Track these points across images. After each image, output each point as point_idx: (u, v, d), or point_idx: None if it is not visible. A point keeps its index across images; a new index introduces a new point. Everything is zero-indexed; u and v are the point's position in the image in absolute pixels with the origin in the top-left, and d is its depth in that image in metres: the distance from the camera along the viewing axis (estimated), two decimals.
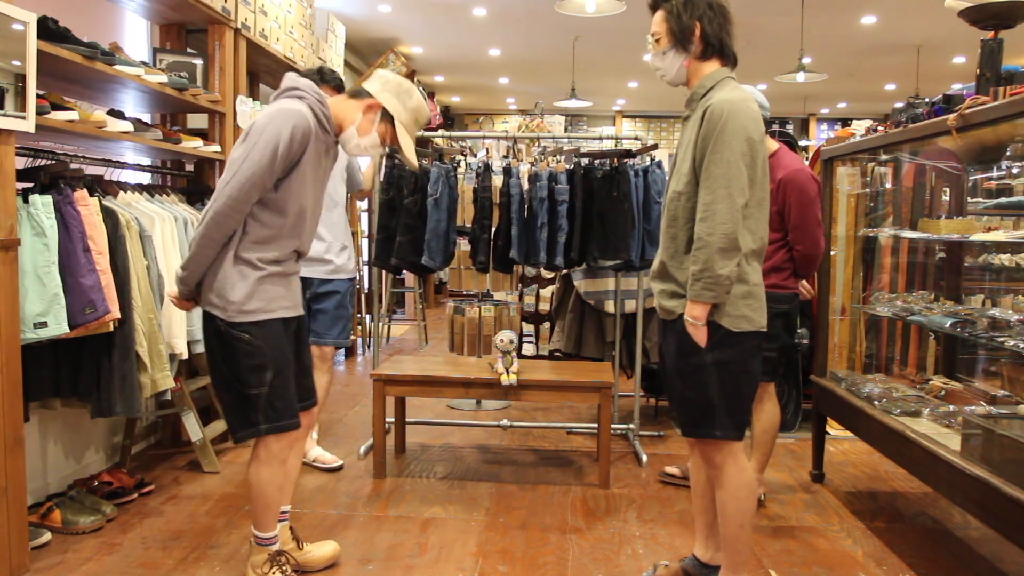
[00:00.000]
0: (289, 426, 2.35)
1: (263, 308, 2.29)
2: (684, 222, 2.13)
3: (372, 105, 2.37)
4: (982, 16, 2.65)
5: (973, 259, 3.58)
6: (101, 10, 3.81)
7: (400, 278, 8.28)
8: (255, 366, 2.28)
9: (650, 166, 3.71)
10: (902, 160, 3.63)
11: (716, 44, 2.14)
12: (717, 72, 2.16)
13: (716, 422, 2.16)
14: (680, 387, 2.22)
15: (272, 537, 2.43)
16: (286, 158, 2.22)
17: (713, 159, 2.03)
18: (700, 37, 2.13)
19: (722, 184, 2.02)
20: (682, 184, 2.14)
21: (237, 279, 2.26)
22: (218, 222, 2.20)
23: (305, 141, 2.24)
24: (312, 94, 2.32)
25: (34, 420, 3.05)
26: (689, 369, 2.16)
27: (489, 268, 3.79)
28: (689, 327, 2.10)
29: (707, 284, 2.03)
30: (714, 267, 2.02)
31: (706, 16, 2.13)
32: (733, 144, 2.02)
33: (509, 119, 12.65)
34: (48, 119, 2.60)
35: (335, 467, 3.65)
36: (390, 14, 7.14)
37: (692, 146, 2.11)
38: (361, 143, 2.40)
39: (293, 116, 2.22)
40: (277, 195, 2.27)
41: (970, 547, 2.91)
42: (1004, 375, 3.18)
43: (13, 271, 2.46)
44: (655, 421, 4.58)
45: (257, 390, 2.28)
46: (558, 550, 2.81)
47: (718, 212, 2.01)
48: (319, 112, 2.30)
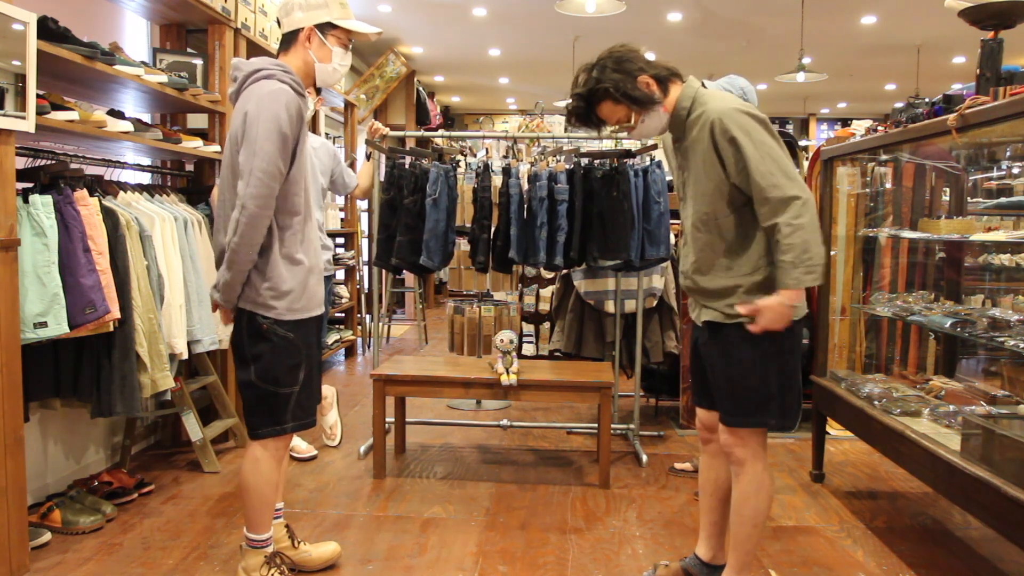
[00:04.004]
0: (310, 424, 2.36)
1: (306, 306, 2.29)
2: (734, 236, 2.15)
3: (306, 33, 2.27)
4: (982, 16, 2.65)
5: (973, 259, 3.59)
6: (101, 10, 3.81)
7: (400, 278, 8.29)
8: (293, 365, 2.27)
9: (650, 166, 3.71)
10: (902, 160, 3.63)
11: (645, 97, 2.16)
12: (684, 93, 2.18)
13: (769, 411, 2.18)
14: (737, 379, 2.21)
15: (267, 539, 2.40)
16: (293, 138, 2.18)
17: (758, 155, 2.04)
18: (656, 83, 2.17)
19: (778, 170, 2.02)
20: (710, 205, 2.16)
21: (288, 276, 2.23)
22: (253, 225, 2.14)
23: (300, 114, 2.20)
24: (274, 67, 2.23)
25: (34, 420, 3.05)
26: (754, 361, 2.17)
27: (489, 268, 3.80)
28: (785, 310, 2.08)
29: (808, 268, 2.03)
30: (811, 249, 2.01)
31: (637, 66, 2.16)
32: (760, 136, 2.04)
33: (509, 119, 12.65)
34: (48, 119, 2.60)
35: (309, 457, 3.75)
36: (390, 14, 7.14)
37: (711, 165, 2.12)
38: (332, 67, 2.32)
39: (281, 94, 2.15)
40: (292, 182, 2.22)
41: (970, 547, 2.91)
42: (1004, 375, 3.18)
43: (13, 271, 2.46)
44: (655, 421, 4.58)
45: (290, 389, 2.27)
46: (558, 550, 2.81)
47: (795, 200, 2.01)
48: (288, 80, 2.22)
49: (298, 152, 2.23)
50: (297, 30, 2.28)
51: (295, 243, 2.26)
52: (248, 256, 2.18)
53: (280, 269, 2.22)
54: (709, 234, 2.19)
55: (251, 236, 2.15)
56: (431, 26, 7.66)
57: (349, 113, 6.56)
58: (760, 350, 2.15)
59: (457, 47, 8.55)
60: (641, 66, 2.16)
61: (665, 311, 4.41)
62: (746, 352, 2.16)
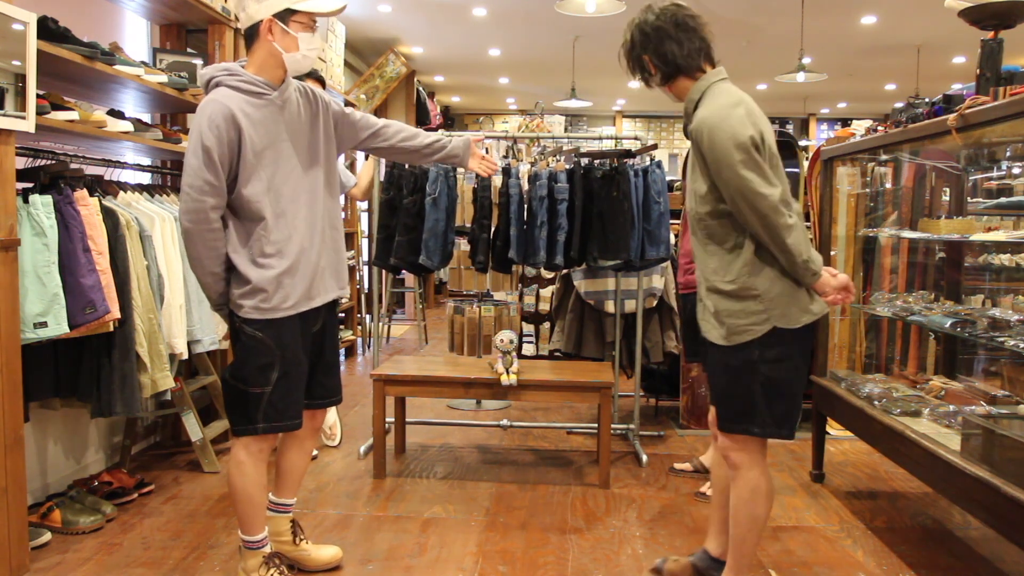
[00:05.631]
0: (287, 427, 2.33)
1: (277, 306, 2.25)
2: (721, 239, 2.15)
3: (266, 26, 2.19)
4: (982, 16, 2.65)
5: (973, 259, 3.58)
6: (101, 10, 3.81)
7: (400, 278, 8.28)
8: (263, 365, 2.25)
9: (650, 166, 3.71)
10: (902, 160, 3.63)
11: (669, 67, 2.18)
12: (697, 84, 2.19)
13: (752, 419, 2.17)
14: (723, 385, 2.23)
15: (262, 539, 2.39)
16: (219, 150, 2.12)
17: (721, 181, 2.07)
18: (655, 67, 2.21)
19: (740, 197, 2.04)
20: (703, 204, 2.16)
21: (254, 276, 2.22)
22: (191, 240, 2.19)
23: (230, 122, 2.13)
24: (218, 73, 2.21)
25: (34, 420, 3.04)
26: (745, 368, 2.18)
27: (488, 268, 3.79)
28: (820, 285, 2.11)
29: (804, 270, 2.07)
30: (797, 256, 2.04)
31: (649, 46, 2.19)
32: (728, 158, 2.03)
33: (509, 119, 12.64)
34: (48, 119, 2.60)
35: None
36: (390, 14, 7.14)
37: (700, 168, 2.15)
38: (300, 55, 2.22)
39: (207, 106, 2.15)
40: (246, 188, 2.19)
41: (970, 547, 2.91)
42: (1004, 375, 3.18)
43: (13, 271, 2.46)
44: (655, 421, 4.58)
45: (260, 389, 2.25)
46: (558, 550, 2.81)
47: (763, 220, 2.03)
48: (234, 84, 2.18)
49: (246, 161, 2.18)
50: (256, 24, 2.19)
51: (261, 245, 2.23)
52: (200, 268, 2.23)
53: (246, 269, 2.23)
54: (712, 238, 2.20)
55: (192, 250, 2.20)
56: (431, 26, 7.66)
57: None
58: (740, 358, 2.15)
59: (457, 47, 8.54)
60: (649, 44, 2.18)
61: (665, 311, 4.41)
62: (729, 359, 2.17)
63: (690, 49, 2.16)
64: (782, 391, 2.17)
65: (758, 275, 2.11)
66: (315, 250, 2.34)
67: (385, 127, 2.58)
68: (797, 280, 2.10)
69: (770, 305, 2.11)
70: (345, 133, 2.51)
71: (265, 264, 2.23)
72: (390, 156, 2.79)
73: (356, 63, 8.57)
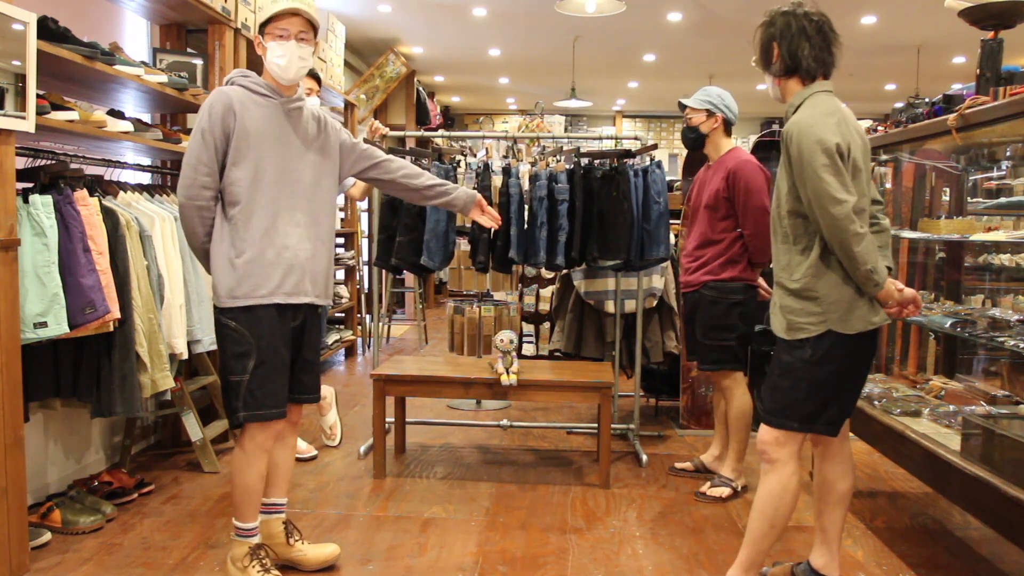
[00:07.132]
0: (269, 416, 2.37)
1: (250, 294, 2.32)
2: (795, 239, 2.21)
3: (256, 43, 2.42)
4: (982, 16, 2.65)
5: (973, 259, 3.59)
6: (101, 10, 3.81)
7: (400, 278, 8.28)
8: (240, 353, 2.33)
9: (650, 166, 3.71)
10: (902, 160, 3.63)
11: (792, 63, 2.24)
12: (803, 90, 2.25)
13: (791, 414, 2.24)
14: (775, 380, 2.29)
15: (252, 529, 2.43)
16: (212, 131, 2.30)
17: (801, 181, 2.12)
18: (779, 56, 2.27)
19: (816, 199, 2.08)
20: (784, 203, 2.22)
21: (225, 265, 2.33)
22: (183, 213, 2.36)
23: (228, 109, 2.31)
24: (234, 75, 2.44)
25: (34, 420, 3.04)
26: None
27: (489, 268, 3.80)
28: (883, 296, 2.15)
29: (866, 279, 2.10)
30: (861, 264, 2.07)
31: (784, 36, 2.25)
32: (811, 160, 2.09)
33: (509, 119, 12.64)
34: (48, 119, 2.60)
35: (309, 457, 3.76)
36: (390, 14, 7.13)
37: (786, 168, 2.20)
38: (273, 63, 2.38)
39: (209, 97, 2.35)
40: (233, 176, 2.32)
41: (970, 547, 2.91)
42: (1004, 375, 3.18)
43: (13, 271, 2.46)
44: (655, 421, 4.58)
45: (239, 377, 2.33)
46: (558, 550, 2.81)
47: (834, 224, 2.07)
48: (244, 83, 2.39)
49: (236, 145, 2.32)
50: (250, 41, 2.48)
51: (236, 231, 2.34)
52: (194, 240, 2.40)
53: (220, 259, 2.34)
54: (786, 239, 2.26)
55: (186, 224, 2.38)
56: (431, 26, 7.66)
57: (349, 113, 6.55)
58: (794, 355, 2.21)
59: (457, 47, 8.54)
60: (784, 34, 2.25)
61: (665, 311, 4.41)
62: (785, 353, 2.25)
63: (817, 57, 2.23)
64: (829, 393, 2.22)
65: (821, 278, 2.16)
66: (299, 251, 2.40)
67: (388, 161, 2.70)
68: (860, 288, 2.13)
69: (828, 308, 2.15)
70: (348, 159, 2.64)
71: (238, 250, 2.33)
72: (391, 190, 2.92)
73: (356, 63, 8.57)
